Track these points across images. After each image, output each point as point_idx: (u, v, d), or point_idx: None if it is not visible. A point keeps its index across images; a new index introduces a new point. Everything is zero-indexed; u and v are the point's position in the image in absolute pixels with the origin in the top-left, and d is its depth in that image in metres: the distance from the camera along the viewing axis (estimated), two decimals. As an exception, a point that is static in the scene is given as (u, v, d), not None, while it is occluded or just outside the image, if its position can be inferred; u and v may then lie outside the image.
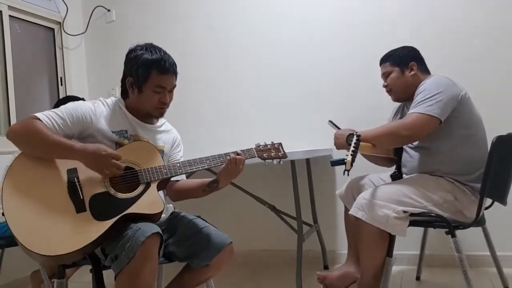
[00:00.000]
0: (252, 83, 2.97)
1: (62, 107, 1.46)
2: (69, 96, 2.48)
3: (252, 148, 1.60)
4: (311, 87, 2.81)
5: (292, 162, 2.21)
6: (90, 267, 1.42)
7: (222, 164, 1.52)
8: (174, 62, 1.57)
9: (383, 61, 2.01)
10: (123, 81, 1.58)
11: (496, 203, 1.85)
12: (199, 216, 1.63)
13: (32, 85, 3.13)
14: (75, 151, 1.36)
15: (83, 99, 1.98)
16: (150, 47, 1.55)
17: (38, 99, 3.18)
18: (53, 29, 3.33)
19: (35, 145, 1.37)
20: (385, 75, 1.99)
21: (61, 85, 3.33)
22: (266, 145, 1.64)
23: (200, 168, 1.53)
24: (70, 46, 3.40)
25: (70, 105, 1.47)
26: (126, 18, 3.37)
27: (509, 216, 2.29)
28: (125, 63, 1.57)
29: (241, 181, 2.69)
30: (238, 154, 1.51)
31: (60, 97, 3.30)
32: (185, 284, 1.55)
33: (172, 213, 1.68)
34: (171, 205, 1.73)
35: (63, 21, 3.34)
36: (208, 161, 1.53)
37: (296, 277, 2.12)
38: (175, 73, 1.56)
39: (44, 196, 1.33)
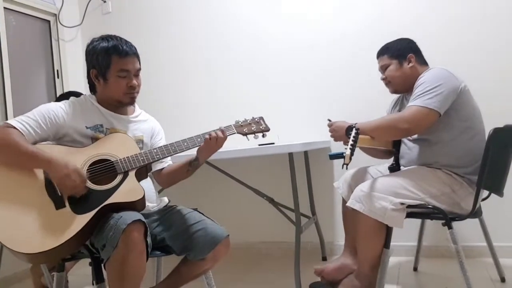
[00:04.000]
0: (251, 76, 2.96)
1: (34, 110, 1.47)
2: (70, 91, 2.47)
3: (231, 125, 1.60)
4: (310, 79, 2.80)
5: (290, 154, 2.21)
6: (89, 260, 1.42)
7: (201, 145, 1.53)
8: (133, 45, 1.57)
9: (380, 53, 2.00)
10: (88, 76, 1.58)
11: (493, 194, 1.86)
12: (196, 209, 1.63)
13: (29, 78, 3.12)
14: (43, 164, 1.36)
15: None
16: (106, 37, 1.55)
17: (34, 91, 3.16)
18: (48, 21, 3.30)
19: (7, 154, 1.37)
20: (383, 68, 1.98)
21: (58, 77, 3.32)
22: (245, 120, 1.63)
23: (178, 151, 1.52)
24: (66, 38, 3.38)
25: (42, 107, 1.48)
26: (122, 9, 3.35)
27: (506, 207, 2.31)
28: (86, 58, 1.57)
29: (240, 174, 2.70)
30: (220, 130, 1.52)
31: (57, 90, 3.30)
32: (182, 276, 1.56)
33: (166, 206, 1.68)
34: (165, 198, 1.73)
35: (59, 13, 3.32)
36: (186, 144, 1.53)
37: (294, 268, 2.13)
38: (136, 55, 1.56)
39: (22, 196, 1.34)
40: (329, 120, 1.98)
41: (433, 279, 2.16)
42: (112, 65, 1.50)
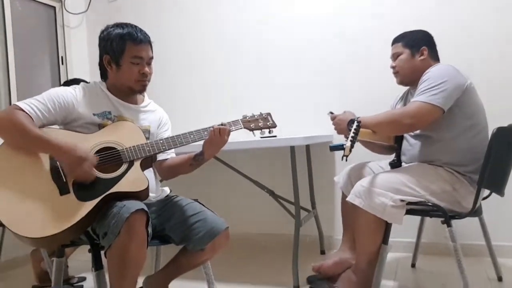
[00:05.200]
0: (254, 70, 2.95)
1: (43, 93, 1.47)
2: (76, 78, 2.47)
3: (238, 120, 1.60)
4: (313, 73, 2.78)
5: (292, 148, 2.21)
6: (89, 246, 1.43)
7: (207, 138, 1.52)
8: (147, 34, 1.57)
9: (396, 41, 1.97)
10: (100, 62, 1.58)
11: (494, 194, 1.85)
12: (196, 200, 1.64)
13: (33, 63, 3.12)
14: (51, 148, 1.36)
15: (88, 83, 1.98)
16: (120, 24, 1.56)
17: (39, 77, 3.17)
18: (54, 7, 3.30)
19: (15, 137, 1.37)
20: (395, 56, 1.96)
21: (62, 64, 3.32)
22: (253, 115, 1.63)
23: (185, 143, 1.52)
24: (71, 24, 3.38)
25: (52, 91, 1.48)
26: (128, -3, 3.34)
27: (506, 207, 2.30)
28: (99, 44, 1.57)
29: (241, 166, 2.70)
30: (222, 125, 1.51)
31: (61, 76, 3.30)
32: (181, 266, 1.57)
33: (167, 196, 1.69)
34: (166, 188, 1.74)
35: (65, -1, 3.31)
36: (192, 136, 1.53)
37: (292, 261, 2.14)
38: (150, 44, 1.57)
39: (27, 181, 1.35)
40: (331, 113, 1.97)
41: (431, 276, 2.16)
42: (126, 51, 1.51)
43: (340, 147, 1.62)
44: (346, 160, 1.56)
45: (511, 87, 2.34)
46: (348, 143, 1.53)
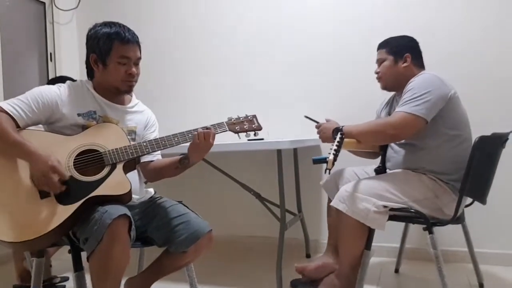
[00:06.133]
0: (243, 73, 2.95)
1: (27, 93, 1.45)
2: (62, 76, 2.44)
3: (223, 122, 1.59)
4: (302, 77, 2.79)
5: (279, 151, 2.21)
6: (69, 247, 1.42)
7: (191, 140, 1.51)
8: (136, 34, 1.55)
9: (380, 46, 1.98)
10: (87, 61, 1.57)
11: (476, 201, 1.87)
12: (180, 202, 1.63)
13: (21, 60, 3.08)
14: (24, 155, 1.33)
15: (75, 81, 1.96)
16: (109, 23, 1.54)
17: (27, 74, 3.13)
18: (44, 3, 3.26)
19: None
20: (379, 62, 1.97)
21: (51, 61, 3.28)
22: (238, 117, 1.62)
23: (168, 146, 1.51)
24: (61, 21, 3.34)
25: (36, 90, 1.46)
26: (119, -5, 3.32)
27: (488, 215, 2.33)
28: (86, 43, 1.56)
29: (228, 168, 2.70)
30: (207, 128, 1.50)
31: (49, 73, 3.27)
32: (164, 268, 1.56)
33: (151, 198, 1.68)
34: (151, 189, 1.73)
35: (55, -5, 3.28)
36: (176, 138, 1.51)
37: (276, 264, 2.14)
38: (138, 44, 1.55)
39: (8, 184, 1.33)
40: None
41: (413, 282, 2.18)
42: (113, 51, 1.49)
43: (323, 160, 1.63)
44: (329, 173, 1.57)
45: (495, 96, 2.37)
46: (331, 157, 1.54)
